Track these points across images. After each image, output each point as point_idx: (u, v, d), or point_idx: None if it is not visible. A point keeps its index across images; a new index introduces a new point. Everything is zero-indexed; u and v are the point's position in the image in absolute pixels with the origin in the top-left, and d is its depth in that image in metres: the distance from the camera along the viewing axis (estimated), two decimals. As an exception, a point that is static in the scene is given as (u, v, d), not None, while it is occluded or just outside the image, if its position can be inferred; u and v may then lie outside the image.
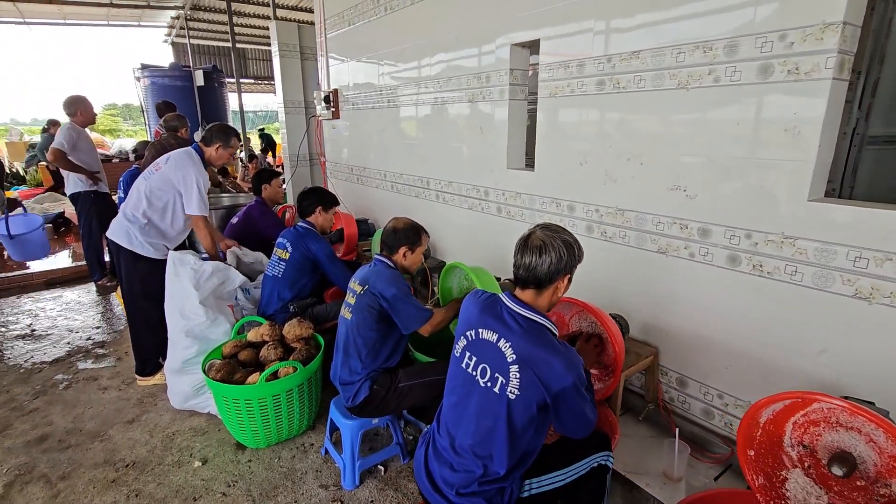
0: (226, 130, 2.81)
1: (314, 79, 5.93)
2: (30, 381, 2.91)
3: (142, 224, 2.64)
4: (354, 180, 4.42)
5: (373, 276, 2.00)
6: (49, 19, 10.92)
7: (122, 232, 2.65)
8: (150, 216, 2.66)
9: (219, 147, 2.77)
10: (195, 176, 2.63)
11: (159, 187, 2.66)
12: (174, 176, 2.64)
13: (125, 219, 2.66)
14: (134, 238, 2.64)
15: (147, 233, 2.67)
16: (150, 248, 2.67)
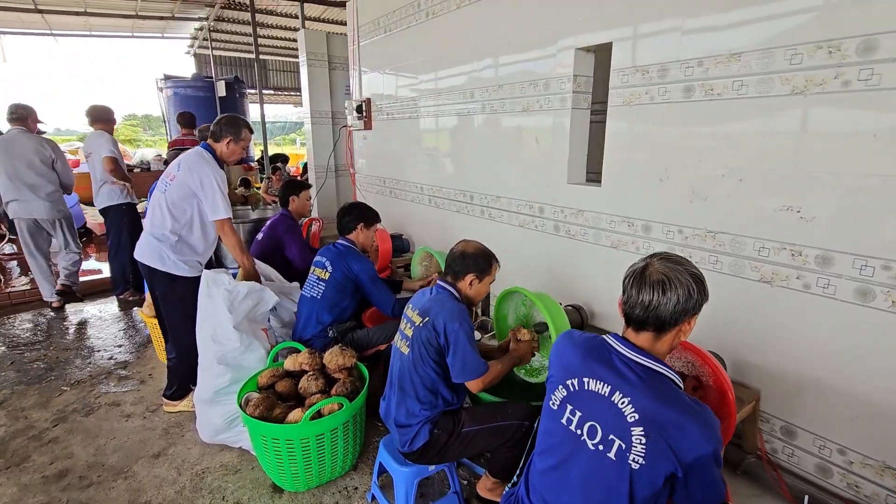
0: (235, 122, 2.52)
1: (341, 89, 5.81)
2: (49, 406, 2.72)
3: (172, 242, 2.43)
4: (387, 193, 4.22)
5: (435, 307, 1.78)
6: (75, 31, 11.04)
7: (153, 253, 2.45)
8: (180, 232, 2.45)
9: (229, 141, 2.49)
10: (212, 176, 2.38)
11: (180, 198, 2.42)
12: (191, 181, 2.40)
13: (154, 238, 2.45)
14: (167, 258, 2.43)
15: (180, 251, 2.46)
16: (184, 266, 2.47)
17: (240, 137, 2.52)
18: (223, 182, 2.44)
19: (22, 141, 3.73)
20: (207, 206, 2.41)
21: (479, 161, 3.09)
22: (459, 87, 3.14)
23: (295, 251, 3.14)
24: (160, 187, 2.52)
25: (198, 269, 2.54)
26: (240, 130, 2.52)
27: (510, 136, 2.80)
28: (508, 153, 2.83)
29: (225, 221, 2.44)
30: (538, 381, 2.10)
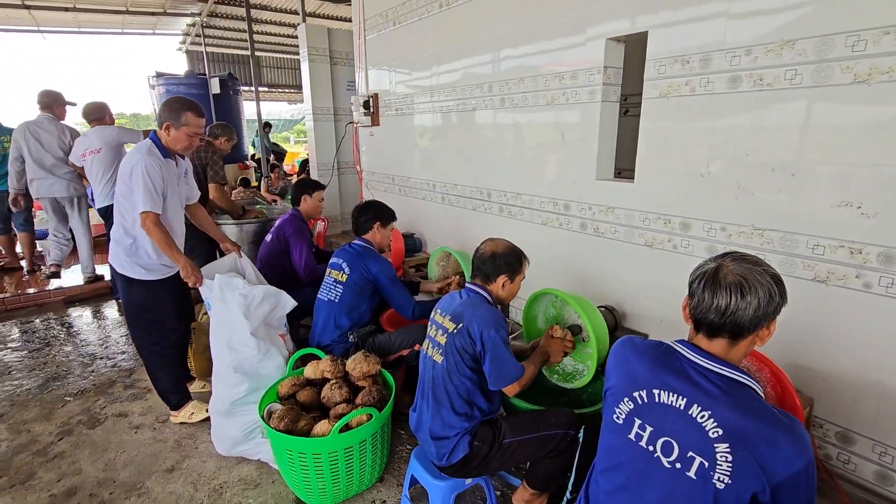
0: (174, 104, 2.20)
1: (343, 84, 5.68)
2: (53, 418, 2.59)
3: (127, 245, 2.25)
4: (396, 191, 4.11)
5: (468, 312, 1.68)
6: (64, 27, 10.76)
7: (114, 255, 2.30)
8: (132, 232, 2.24)
9: (168, 126, 2.20)
10: (141, 164, 2.10)
11: (122, 195, 2.21)
12: (124, 174, 2.18)
13: (114, 241, 2.29)
14: (124, 261, 2.26)
15: (133, 252, 2.26)
16: (140, 269, 2.27)
17: (180, 122, 2.19)
18: (154, 171, 2.14)
19: (46, 126, 4.01)
20: (137, 198, 2.13)
21: (497, 157, 2.98)
22: (476, 80, 3.03)
23: (299, 257, 2.98)
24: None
25: (161, 272, 2.33)
26: (180, 114, 2.19)
27: (532, 131, 2.70)
28: (530, 149, 2.73)
29: (147, 215, 2.12)
30: (573, 386, 2.01)
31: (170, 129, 2.21)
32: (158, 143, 2.24)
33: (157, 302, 2.34)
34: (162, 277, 2.32)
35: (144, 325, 2.36)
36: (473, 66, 3.04)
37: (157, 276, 2.30)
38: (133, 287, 2.28)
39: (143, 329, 2.37)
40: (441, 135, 3.46)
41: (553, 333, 1.96)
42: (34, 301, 4.24)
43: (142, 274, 2.26)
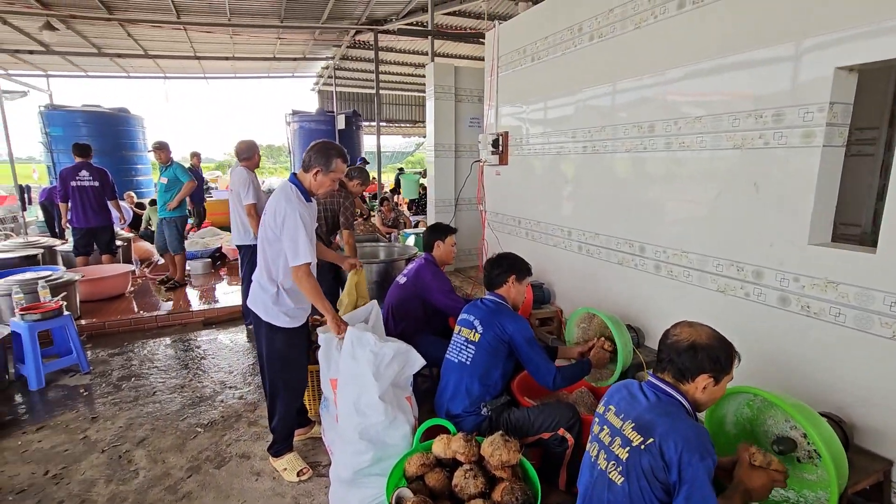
0: (325, 150, 2.19)
1: (466, 121, 5.62)
2: (185, 450, 2.63)
3: (272, 293, 2.21)
4: (522, 234, 3.82)
5: (661, 424, 1.29)
6: (223, 74, 12.46)
7: (258, 301, 2.26)
8: (277, 281, 2.22)
9: (317, 172, 2.18)
10: (295, 214, 2.07)
11: (269, 242, 2.18)
12: (271, 221, 2.15)
13: (259, 287, 2.26)
14: (270, 309, 2.23)
15: (278, 301, 2.23)
16: (285, 318, 2.24)
17: (329, 168, 2.19)
18: (309, 221, 2.15)
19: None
20: (287, 248, 2.11)
21: (656, 207, 2.56)
22: (632, 119, 2.66)
23: (442, 297, 2.86)
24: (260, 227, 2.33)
25: (302, 318, 2.33)
26: (330, 160, 2.18)
27: (709, 180, 2.25)
28: (705, 200, 2.27)
29: (301, 267, 2.11)
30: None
31: (318, 174, 2.19)
32: (300, 186, 2.22)
33: (293, 348, 2.31)
34: (301, 324, 2.27)
35: (280, 368, 2.32)
36: (629, 104, 2.68)
37: (297, 324, 2.27)
38: (276, 334, 2.25)
39: (277, 371, 2.33)
40: (582, 178, 3.12)
41: (752, 460, 1.44)
42: (179, 321, 4.62)
43: (285, 322, 2.23)
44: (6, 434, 2.79)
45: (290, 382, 2.36)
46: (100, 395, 3.23)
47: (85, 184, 5.22)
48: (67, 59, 9.85)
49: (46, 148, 9.65)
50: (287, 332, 2.25)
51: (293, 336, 2.28)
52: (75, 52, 9.25)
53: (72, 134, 9.42)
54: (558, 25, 3.18)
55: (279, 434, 2.42)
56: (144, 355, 3.91)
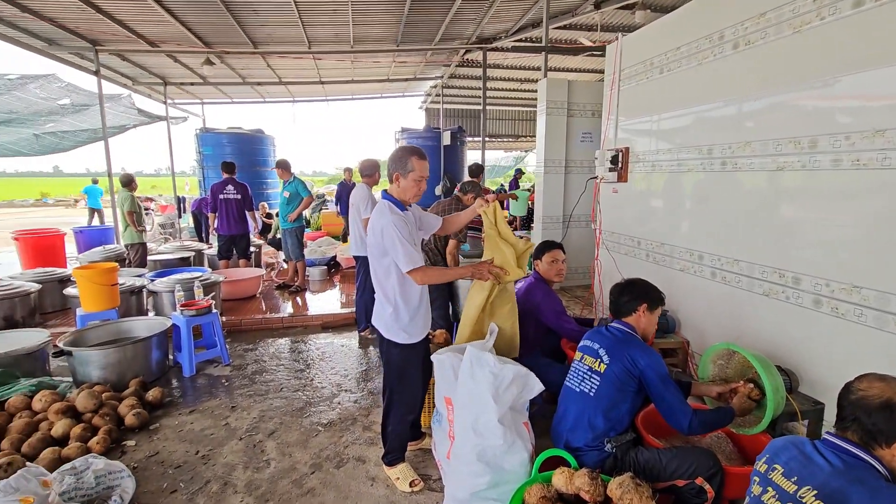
0: (397, 154, 2.21)
1: (577, 136, 5.46)
2: (308, 447, 2.83)
3: (389, 312, 2.27)
4: (641, 256, 3.58)
5: (852, 490, 1.09)
6: (342, 96, 13.56)
7: (378, 318, 2.35)
8: (391, 299, 2.25)
9: (398, 178, 2.21)
10: (391, 225, 2.10)
11: (376, 256, 2.24)
12: (375, 239, 2.20)
13: (378, 305, 2.34)
14: (390, 326, 2.29)
15: (397, 318, 2.27)
16: (404, 334, 2.30)
17: (407, 169, 2.18)
18: (405, 226, 2.15)
19: None
20: (396, 259, 2.16)
21: (816, 233, 2.24)
22: (786, 133, 2.37)
23: (553, 318, 2.80)
24: None
25: (420, 334, 2.35)
26: (405, 161, 2.18)
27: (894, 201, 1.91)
28: (887, 227, 1.93)
29: (414, 273, 2.15)
30: None
31: (399, 179, 2.24)
32: (392, 198, 2.27)
33: (410, 364, 2.37)
34: (419, 340, 2.34)
35: (397, 381, 2.40)
36: (783, 117, 2.39)
37: (414, 340, 2.33)
38: (394, 349, 2.34)
39: (394, 384, 2.41)
40: (719, 197, 2.84)
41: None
42: (301, 323, 5.04)
43: (403, 338, 2.30)
44: (167, 413, 3.23)
45: (404, 396, 2.42)
46: (238, 387, 3.61)
47: (230, 197, 5.96)
48: (218, 89, 11.44)
49: (199, 164, 11.23)
50: (404, 348, 2.32)
51: (410, 352, 2.34)
52: (225, 83, 10.71)
53: (218, 152, 10.89)
54: (694, 34, 2.96)
55: (391, 444, 2.49)
56: (272, 353, 4.31)
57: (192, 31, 7.18)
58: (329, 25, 7.48)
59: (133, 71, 9.45)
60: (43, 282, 5.16)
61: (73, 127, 8.80)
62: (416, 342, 2.34)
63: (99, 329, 3.90)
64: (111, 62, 8.66)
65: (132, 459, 2.71)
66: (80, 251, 8.00)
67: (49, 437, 2.79)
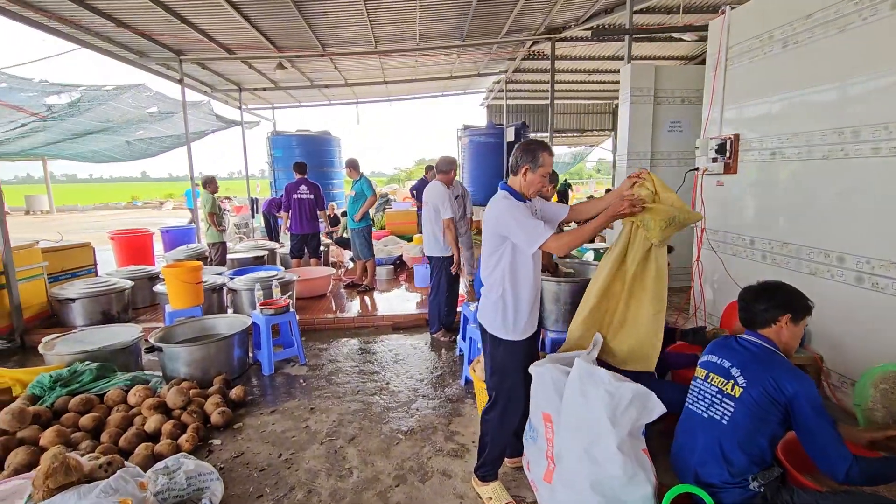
0: (529, 147, 2.07)
1: (665, 126, 5.01)
2: (390, 456, 2.70)
3: (494, 301, 2.12)
4: (756, 257, 3.15)
5: None
6: (404, 95, 13.62)
7: (484, 312, 2.20)
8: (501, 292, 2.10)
9: (526, 170, 2.07)
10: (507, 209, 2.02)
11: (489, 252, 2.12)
12: (491, 230, 2.08)
13: (485, 299, 2.18)
14: (493, 321, 2.14)
15: (503, 313, 2.11)
16: (508, 329, 2.12)
17: (537, 164, 2.05)
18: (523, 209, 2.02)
19: None
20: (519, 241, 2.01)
21: None
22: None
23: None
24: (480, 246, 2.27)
25: (524, 330, 2.15)
26: (536, 155, 2.05)
27: None
28: None
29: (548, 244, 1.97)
30: None
31: (527, 173, 2.08)
32: (512, 190, 2.13)
33: (514, 361, 2.18)
34: (525, 338, 2.15)
35: (500, 380, 2.22)
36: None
37: (520, 337, 2.15)
38: (499, 346, 2.17)
39: (497, 384, 2.23)
40: (871, 189, 2.39)
41: None
42: (372, 323, 4.98)
43: (507, 334, 2.13)
44: (249, 412, 3.23)
45: (506, 400, 2.22)
46: (315, 388, 3.58)
47: (303, 197, 6.05)
48: (288, 93, 11.83)
49: (270, 166, 11.68)
50: (508, 344, 2.15)
51: (515, 349, 2.16)
52: (294, 86, 11.05)
53: (288, 154, 11.26)
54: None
55: (489, 455, 2.28)
56: (346, 353, 4.27)
57: (266, 35, 7.39)
58: (396, 23, 7.43)
59: (212, 79, 9.95)
60: (135, 279, 5.47)
61: (160, 133, 9.41)
62: (521, 339, 2.15)
63: (185, 325, 4.02)
64: (193, 71, 9.16)
65: (218, 459, 2.71)
66: (167, 250, 8.52)
67: (143, 431, 2.85)
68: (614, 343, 2.32)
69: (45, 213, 24.22)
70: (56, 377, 3.15)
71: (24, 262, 4.81)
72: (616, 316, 2.34)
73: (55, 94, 6.69)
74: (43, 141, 8.17)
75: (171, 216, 21.06)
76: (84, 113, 7.30)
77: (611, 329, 2.35)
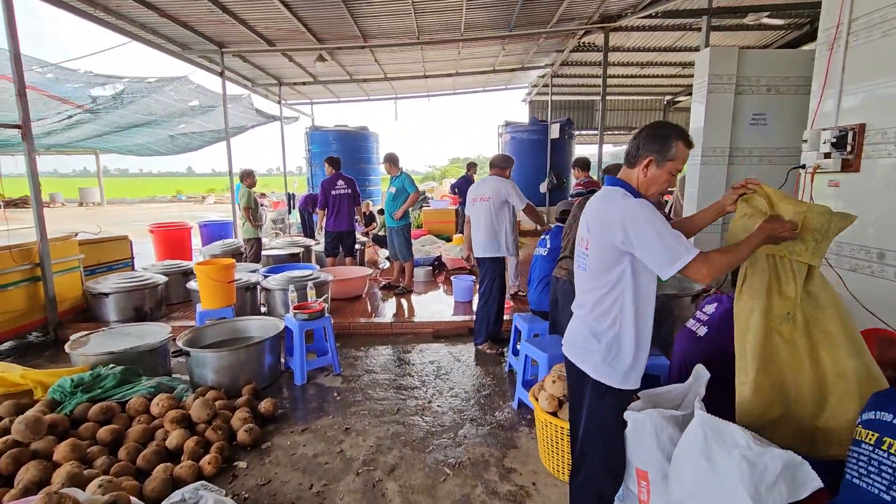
0: (659, 133, 1.57)
1: (746, 118, 4.41)
2: (436, 496, 2.30)
3: (607, 342, 1.61)
4: (889, 275, 2.58)
5: None
6: (444, 91, 13.24)
7: (583, 350, 1.68)
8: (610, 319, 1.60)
9: (650, 163, 1.58)
10: (648, 217, 1.47)
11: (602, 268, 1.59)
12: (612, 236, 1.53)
13: (587, 331, 1.67)
14: (598, 365, 1.63)
15: (617, 353, 1.61)
16: (619, 376, 1.62)
17: (667, 155, 1.56)
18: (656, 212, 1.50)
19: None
20: (652, 259, 1.48)
21: None
22: None
23: None
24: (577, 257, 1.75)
25: (637, 379, 1.65)
26: (668, 143, 1.55)
27: None
28: None
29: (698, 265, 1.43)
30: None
31: (651, 166, 1.59)
32: (630, 187, 1.63)
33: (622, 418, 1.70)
34: (637, 387, 1.67)
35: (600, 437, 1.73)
36: None
37: (633, 385, 1.65)
38: (605, 396, 1.66)
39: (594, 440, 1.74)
40: None
41: None
42: (411, 330, 4.62)
43: (618, 381, 1.62)
44: (279, 429, 2.91)
45: (608, 462, 1.74)
46: (350, 403, 3.23)
47: (341, 192, 5.76)
48: (327, 88, 11.66)
49: (308, 162, 11.55)
50: (619, 395, 1.65)
51: (626, 401, 1.69)
52: (333, 80, 10.86)
53: (325, 150, 11.09)
54: None
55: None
56: (383, 363, 3.91)
57: (306, 26, 7.16)
58: (440, 12, 7.05)
59: (252, 73, 9.87)
60: (169, 274, 5.31)
61: (202, 128, 9.39)
62: (634, 389, 1.67)
63: (216, 327, 3.76)
64: (234, 65, 9.07)
65: (243, 487, 2.39)
66: (204, 244, 8.46)
67: (163, 448, 2.58)
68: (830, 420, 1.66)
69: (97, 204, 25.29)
70: (78, 381, 2.93)
71: (60, 254, 4.71)
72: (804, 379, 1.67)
73: (100, 86, 6.67)
74: (89, 133, 8.24)
75: (211, 210, 21.51)
76: (127, 105, 7.28)
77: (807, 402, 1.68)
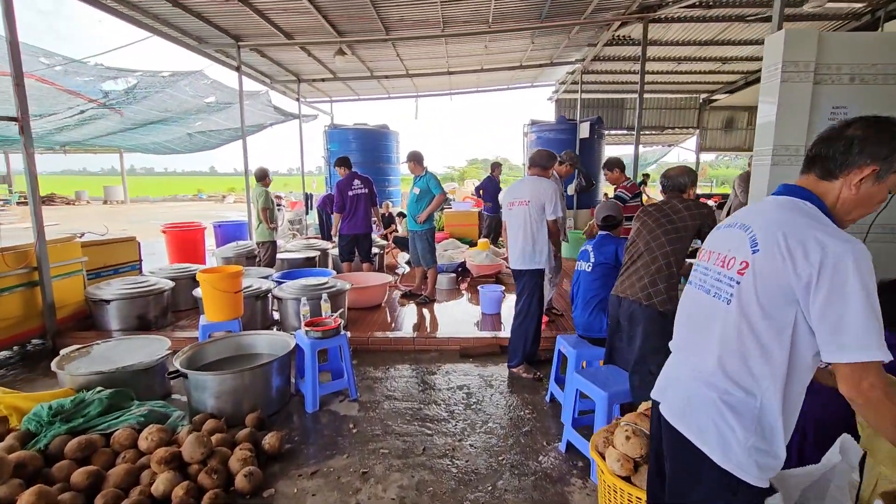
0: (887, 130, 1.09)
1: (826, 112, 3.83)
2: (474, 576, 1.84)
3: (752, 416, 1.12)
4: None
5: None
6: (467, 88, 12.78)
7: (708, 419, 1.18)
8: (769, 389, 1.11)
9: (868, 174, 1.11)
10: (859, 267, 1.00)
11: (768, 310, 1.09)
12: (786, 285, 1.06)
13: (711, 390, 1.18)
14: (735, 445, 1.13)
15: (756, 429, 1.12)
16: (757, 468, 1.12)
17: (892, 167, 1.10)
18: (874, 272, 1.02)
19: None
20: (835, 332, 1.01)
21: None
22: None
23: None
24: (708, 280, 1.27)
25: (775, 470, 1.15)
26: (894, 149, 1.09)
27: None
28: None
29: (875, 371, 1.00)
30: None
31: (866, 182, 1.12)
32: (824, 208, 1.15)
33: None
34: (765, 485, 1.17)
35: None
36: None
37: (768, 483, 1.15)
38: (737, 493, 1.15)
39: None
40: None
41: None
42: (436, 346, 4.16)
43: (755, 476, 1.12)
44: (285, 470, 2.48)
45: None
46: (368, 438, 2.78)
47: (358, 192, 5.34)
48: (346, 84, 11.31)
49: (326, 161, 11.21)
50: (754, 493, 1.14)
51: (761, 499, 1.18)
52: (353, 77, 10.49)
53: (344, 149, 10.72)
54: None
55: None
56: (405, 387, 3.46)
57: (326, 16, 6.78)
58: (468, 1, 6.59)
59: (270, 69, 9.56)
60: (177, 279, 4.96)
61: (219, 126, 9.12)
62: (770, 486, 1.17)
63: (219, 343, 3.36)
64: (251, 60, 8.77)
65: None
66: (219, 244, 8.16)
67: (148, 495, 2.17)
68: None
69: (121, 202, 25.54)
70: (57, 409, 2.55)
71: (60, 256, 4.39)
72: None
73: (111, 80, 6.40)
74: (103, 129, 8.02)
75: (232, 209, 21.46)
76: (141, 101, 7.01)
77: None
